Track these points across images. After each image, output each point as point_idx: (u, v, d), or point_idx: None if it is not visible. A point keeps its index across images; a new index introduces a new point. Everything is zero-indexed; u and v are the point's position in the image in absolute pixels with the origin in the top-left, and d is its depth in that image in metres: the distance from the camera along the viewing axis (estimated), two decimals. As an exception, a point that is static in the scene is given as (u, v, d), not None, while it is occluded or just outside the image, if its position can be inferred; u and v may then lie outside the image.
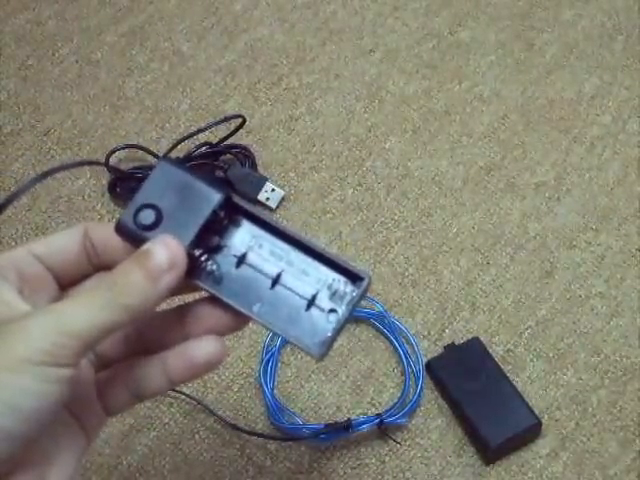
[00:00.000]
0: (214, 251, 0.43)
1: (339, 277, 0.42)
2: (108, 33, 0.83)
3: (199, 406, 0.65)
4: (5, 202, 0.43)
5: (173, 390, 0.64)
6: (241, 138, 0.76)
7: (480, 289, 0.70)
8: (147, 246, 0.40)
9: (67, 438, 0.42)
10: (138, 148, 0.75)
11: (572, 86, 0.80)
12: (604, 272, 0.71)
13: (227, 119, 0.75)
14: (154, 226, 0.41)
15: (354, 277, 0.42)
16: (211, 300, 0.42)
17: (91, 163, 0.70)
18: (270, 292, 0.42)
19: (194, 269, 0.41)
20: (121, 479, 0.63)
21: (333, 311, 0.42)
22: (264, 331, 0.67)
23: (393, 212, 0.74)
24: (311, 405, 0.66)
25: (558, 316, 0.69)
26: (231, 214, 0.43)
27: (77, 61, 0.81)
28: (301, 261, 0.42)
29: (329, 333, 0.41)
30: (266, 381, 0.65)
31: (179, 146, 0.74)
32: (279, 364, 0.67)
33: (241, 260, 0.43)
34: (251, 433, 0.64)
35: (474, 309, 0.69)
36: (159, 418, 0.65)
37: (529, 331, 0.68)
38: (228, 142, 0.75)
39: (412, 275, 0.71)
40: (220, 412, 0.65)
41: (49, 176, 0.43)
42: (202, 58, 0.82)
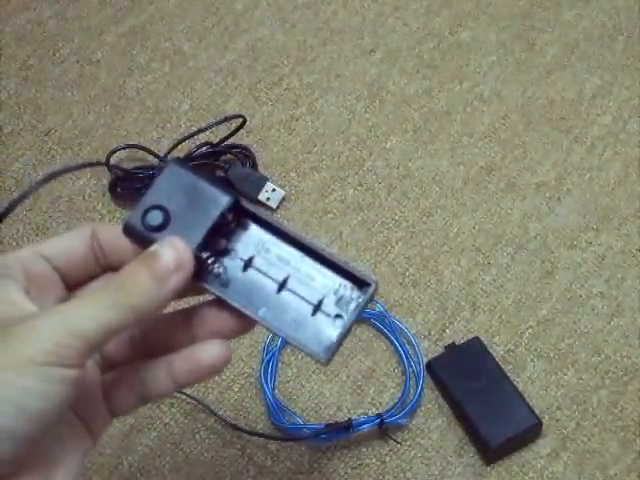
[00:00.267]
0: (221, 254, 0.43)
1: (346, 283, 0.42)
2: (109, 33, 0.83)
3: (200, 406, 0.65)
4: (9, 207, 0.43)
5: (174, 390, 0.64)
6: (242, 138, 0.76)
7: (481, 289, 0.70)
8: (154, 248, 0.40)
9: (73, 439, 0.42)
10: (139, 148, 0.75)
11: (573, 86, 0.80)
12: (605, 272, 0.71)
13: (228, 119, 0.75)
14: (162, 228, 0.41)
15: (361, 283, 0.42)
16: (217, 303, 0.42)
17: (92, 165, 0.70)
18: (276, 296, 0.42)
19: (201, 272, 0.42)
20: (122, 479, 0.63)
21: (339, 316, 0.42)
22: (265, 331, 0.66)
23: (394, 212, 0.74)
24: (312, 405, 0.66)
25: (559, 316, 0.69)
26: (239, 217, 0.43)
27: (78, 61, 0.81)
28: (308, 266, 0.42)
29: (335, 339, 0.41)
30: (267, 381, 0.65)
31: (180, 146, 0.74)
32: (280, 364, 0.67)
33: (248, 264, 0.43)
34: (252, 433, 0.64)
35: (475, 309, 0.69)
36: (160, 418, 0.65)
37: (530, 331, 0.68)
38: (229, 142, 0.75)
39: (413, 275, 0.71)
40: (221, 412, 0.65)
41: (52, 179, 0.43)
42: (203, 58, 0.82)
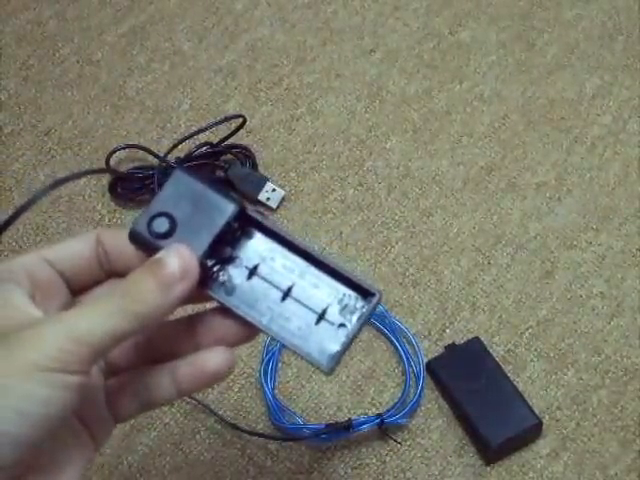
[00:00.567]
0: (226, 262, 0.43)
1: (350, 292, 0.42)
2: (109, 33, 0.83)
3: (200, 406, 0.65)
4: (10, 218, 0.43)
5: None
6: (242, 138, 0.76)
7: (481, 289, 0.70)
8: (160, 255, 0.40)
9: (76, 445, 0.42)
10: (139, 148, 0.75)
11: (573, 86, 0.80)
12: (605, 272, 0.71)
13: (228, 119, 0.75)
14: (168, 235, 0.41)
15: (365, 293, 0.42)
16: (222, 310, 0.43)
17: (94, 172, 0.71)
18: (281, 304, 0.42)
19: (206, 279, 0.42)
20: (122, 479, 0.63)
21: (343, 326, 0.42)
22: (265, 331, 0.67)
23: (394, 212, 0.74)
24: (312, 405, 0.66)
25: (559, 316, 0.69)
26: (244, 226, 0.43)
27: (78, 61, 0.81)
28: (312, 274, 0.43)
29: (338, 348, 0.41)
30: (267, 381, 0.65)
31: (180, 146, 0.74)
32: (280, 364, 0.67)
33: (253, 272, 0.43)
34: (252, 433, 0.64)
35: (475, 309, 0.69)
36: (160, 418, 0.65)
37: (530, 331, 0.68)
38: (229, 142, 0.75)
39: (413, 275, 0.71)
40: (221, 412, 0.65)
41: (56, 188, 0.44)
42: (203, 58, 0.82)
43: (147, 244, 0.41)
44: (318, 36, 0.83)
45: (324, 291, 0.42)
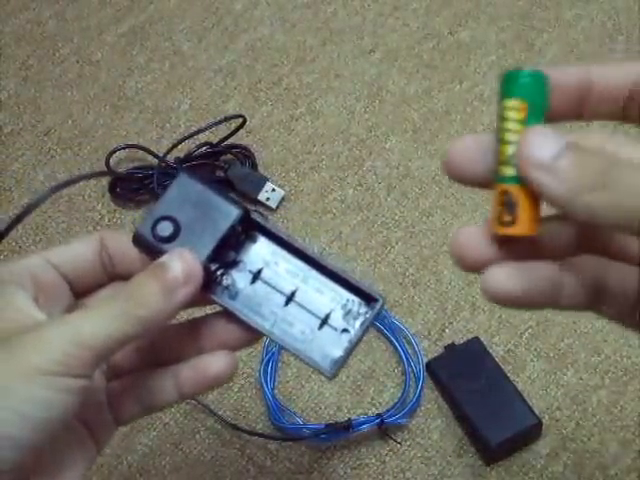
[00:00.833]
0: (230, 266, 0.43)
1: (353, 297, 0.42)
2: (108, 33, 0.83)
3: (199, 406, 0.65)
4: (15, 220, 0.43)
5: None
6: (241, 138, 0.76)
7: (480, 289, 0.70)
8: (164, 259, 0.40)
9: (78, 448, 0.42)
10: (138, 148, 0.75)
11: (572, 86, 0.80)
12: (604, 272, 0.71)
13: (227, 119, 0.75)
14: (171, 239, 0.41)
15: (368, 298, 0.42)
16: (225, 314, 0.43)
17: (95, 175, 0.71)
18: (284, 309, 0.42)
19: (209, 283, 0.42)
20: (121, 479, 0.63)
21: (346, 331, 0.42)
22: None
23: (393, 212, 0.74)
24: (311, 405, 0.66)
25: (558, 316, 0.69)
26: (248, 230, 0.43)
27: (77, 61, 0.81)
28: (316, 279, 0.43)
29: (341, 353, 0.42)
30: (266, 381, 0.65)
31: (179, 146, 0.74)
32: (279, 364, 0.67)
33: (256, 276, 0.43)
34: (251, 433, 0.64)
35: (474, 309, 0.69)
36: (159, 418, 0.65)
37: (529, 331, 0.68)
38: (228, 142, 0.75)
39: (412, 275, 0.71)
40: (220, 412, 0.65)
41: (56, 192, 0.44)
42: (202, 58, 0.82)
43: (151, 248, 0.42)
44: (318, 36, 0.83)
45: (327, 296, 0.43)
